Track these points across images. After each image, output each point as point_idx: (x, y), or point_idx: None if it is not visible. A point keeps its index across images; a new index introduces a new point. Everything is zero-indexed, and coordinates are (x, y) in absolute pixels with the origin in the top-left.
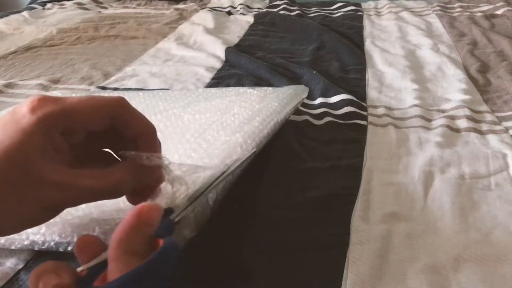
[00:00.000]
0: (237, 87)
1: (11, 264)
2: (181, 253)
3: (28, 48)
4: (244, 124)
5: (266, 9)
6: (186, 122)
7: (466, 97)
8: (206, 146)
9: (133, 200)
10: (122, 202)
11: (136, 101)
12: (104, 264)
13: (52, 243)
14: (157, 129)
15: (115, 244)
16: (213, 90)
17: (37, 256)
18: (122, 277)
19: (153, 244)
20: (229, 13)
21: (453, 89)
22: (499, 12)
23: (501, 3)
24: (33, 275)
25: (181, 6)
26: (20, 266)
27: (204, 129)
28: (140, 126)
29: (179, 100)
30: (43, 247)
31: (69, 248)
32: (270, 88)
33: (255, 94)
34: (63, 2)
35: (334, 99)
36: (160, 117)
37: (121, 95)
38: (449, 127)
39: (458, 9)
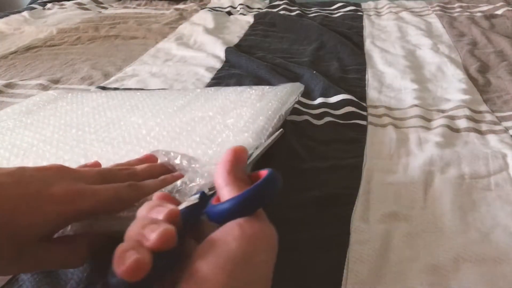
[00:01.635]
0: (235, 87)
1: None
2: (281, 181)
3: (28, 48)
4: (250, 124)
5: (266, 9)
6: (190, 123)
7: (466, 97)
8: (216, 148)
9: None
10: None
11: (135, 101)
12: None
13: None
14: (161, 129)
15: (225, 173)
16: (212, 89)
17: None
18: (244, 193)
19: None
20: (229, 13)
21: (453, 89)
22: (499, 12)
23: (501, 3)
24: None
25: (181, 6)
26: None
27: (209, 130)
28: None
29: (178, 99)
30: None
31: None
32: (267, 87)
33: (253, 93)
34: (63, 2)
35: (334, 99)
36: (163, 117)
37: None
38: (449, 127)
39: (458, 9)
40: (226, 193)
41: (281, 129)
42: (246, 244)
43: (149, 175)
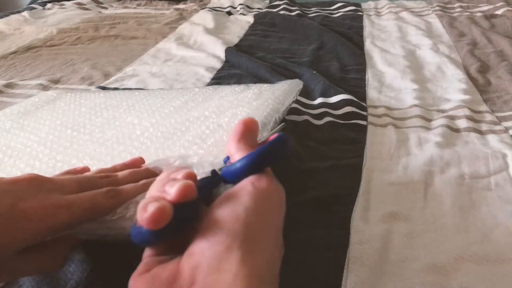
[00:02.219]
0: (233, 85)
1: None
2: (291, 143)
3: (28, 48)
4: None
5: (266, 9)
6: (185, 123)
7: (466, 97)
8: (208, 148)
9: None
10: None
11: (133, 101)
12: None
13: None
14: (155, 130)
15: (236, 141)
16: (211, 88)
17: None
18: (254, 152)
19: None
20: (229, 13)
21: (453, 89)
22: (499, 12)
23: (501, 3)
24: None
25: (181, 6)
26: None
27: (202, 130)
28: None
29: (176, 99)
30: None
31: None
32: (266, 85)
33: (251, 92)
34: (63, 2)
35: (334, 99)
36: (159, 118)
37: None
38: (449, 127)
39: (458, 9)
40: (238, 157)
41: (283, 123)
42: (258, 198)
43: (132, 181)
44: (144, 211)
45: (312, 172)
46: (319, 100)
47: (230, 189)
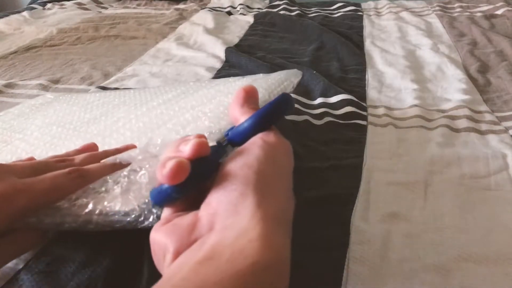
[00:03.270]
0: (230, 77)
1: (11, 263)
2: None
3: (28, 48)
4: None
5: (266, 9)
6: (169, 113)
7: (466, 97)
8: (188, 133)
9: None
10: None
11: (125, 97)
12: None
13: None
14: (137, 121)
15: (239, 106)
16: (206, 81)
17: (39, 255)
18: (259, 111)
19: None
20: (229, 13)
21: (453, 89)
22: (499, 12)
23: (501, 3)
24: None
25: (181, 6)
26: (20, 266)
27: (185, 118)
28: None
29: (168, 93)
30: None
31: None
32: (261, 74)
33: (244, 81)
34: (63, 2)
35: (334, 99)
36: (145, 109)
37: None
38: (449, 127)
39: (458, 9)
40: (244, 119)
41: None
42: (268, 150)
43: (90, 163)
44: (163, 168)
45: (312, 172)
46: (319, 100)
47: (241, 146)
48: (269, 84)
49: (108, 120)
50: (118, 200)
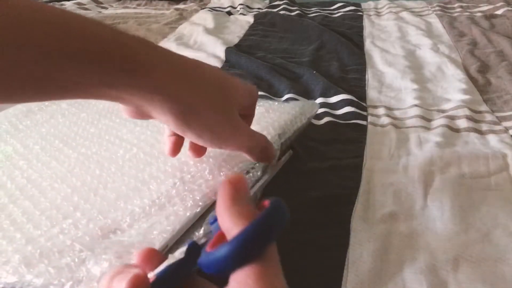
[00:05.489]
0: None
1: None
2: (288, 211)
3: None
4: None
5: (266, 9)
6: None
7: (466, 97)
8: (188, 180)
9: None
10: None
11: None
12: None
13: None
14: (138, 150)
15: (226, 209)
16: None
17: None
18: (238, 235)
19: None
20: (229, 13)
21: (453, 89)
22: (499, 12)
23: (501, 3)
24: (105, 277)
25: (181, 6)
26: None
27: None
28: None
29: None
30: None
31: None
32: (275, 103)
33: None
34: (63, 3)
35: (334, 99)
36: (149, 133)
37: None
38: (449, 127)
39: (458, 9)
40: (235, 232)
41: (290, 151)
42: None
43: None
44: None
45: (312, 172)
46: (319, 100)
47: None
48: (281, 124)
49: (110, 142)
50: None
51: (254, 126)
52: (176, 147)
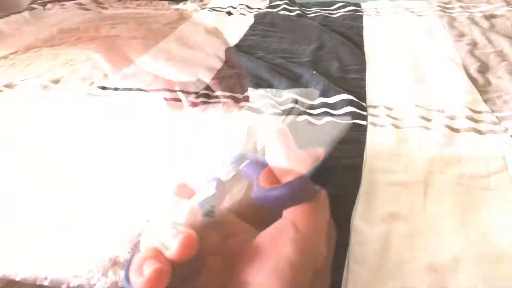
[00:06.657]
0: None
1: None
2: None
3: (29, 48)
4: None
5: (266, 9)
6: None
7: (466, 97)
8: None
9: None
10: None
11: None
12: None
13: None
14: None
15: (284, 157)
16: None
17: None
18: (293, 181)
19: None
20: (229, 13)
21: (453, 89)
22: (498, 12)
23: (501, 3)
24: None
25: (181, 6)
26: None
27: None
28: None
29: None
30: None
31: None
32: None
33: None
34: (63, 3)
35: (334, 99)
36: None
37: None
38: (449, 127)
39: (458, 9)
40: (289, 178)
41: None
42: (302, 246)
43: None
44: (140, 272)
45: None
46: (319, 100)
47: (262, 235)
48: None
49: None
50: None
51: None
52: None
